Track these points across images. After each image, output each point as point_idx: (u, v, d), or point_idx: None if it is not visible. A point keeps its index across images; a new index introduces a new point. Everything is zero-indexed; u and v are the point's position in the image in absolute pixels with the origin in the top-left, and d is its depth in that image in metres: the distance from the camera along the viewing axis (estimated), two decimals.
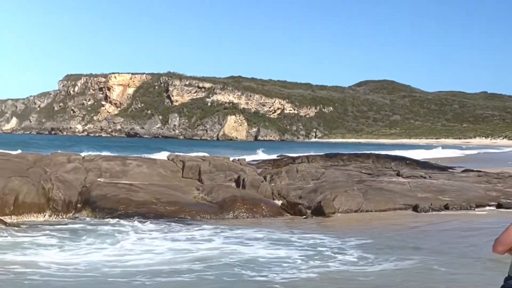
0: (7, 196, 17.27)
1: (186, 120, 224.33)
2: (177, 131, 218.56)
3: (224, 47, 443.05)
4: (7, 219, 16.69)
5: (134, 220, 17.27)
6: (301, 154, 46.38)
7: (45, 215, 17.90)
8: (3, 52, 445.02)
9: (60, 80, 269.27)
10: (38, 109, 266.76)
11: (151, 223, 16.98)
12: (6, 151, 26.07)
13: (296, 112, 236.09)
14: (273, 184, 24.40)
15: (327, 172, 26.61)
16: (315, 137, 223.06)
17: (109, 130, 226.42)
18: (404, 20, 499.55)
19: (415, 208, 20.16)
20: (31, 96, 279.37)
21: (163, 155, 34.69)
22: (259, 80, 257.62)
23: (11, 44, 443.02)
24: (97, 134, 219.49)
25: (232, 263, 12.00)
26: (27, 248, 13.12)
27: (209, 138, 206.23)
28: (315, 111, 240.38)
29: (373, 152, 46.37)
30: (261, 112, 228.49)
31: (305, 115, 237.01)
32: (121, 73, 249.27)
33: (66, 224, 16.76)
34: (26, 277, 10.59)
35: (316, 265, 11.83)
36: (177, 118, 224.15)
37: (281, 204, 20.88)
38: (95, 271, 11.13)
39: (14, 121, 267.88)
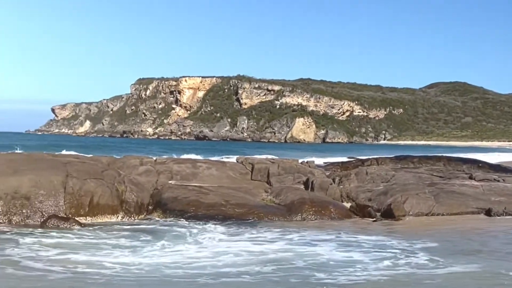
0: (83, 197, 17.74)
1: (255, 123, 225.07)
2: (245, 134, 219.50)
3: (294, 49, 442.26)
4: (82, 220, 17.17)
5: (204, 222, 17.50)
6: (370, 156, 45.98)
7: (118, 216, 18.29)
8: (79, 57, 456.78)
9: (132, 84, 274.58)
10: (111, 112, 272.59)
11: (220, 225, 17.17)
12: (81, 154, 26.88)
13: (365, 114, 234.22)
14: (342, 186, 24.27)
15: (397, 174, 26.28)
16: (384, 139, 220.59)
17: (179, 133, 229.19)
18: (477, 21, 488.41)
19: (488, 212, 19.72)
20: (104, 99, 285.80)
21: (232, 158, 35.00)
22: (328, 82, 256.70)
23: (86, 50, 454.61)
24: (167, 137, 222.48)
25: (299, 264, 12.05)
26: (98, 249, 13.42)
27: (276, 141, 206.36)
28: (385, 113, 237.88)
29: (444, 154, 45.51)
30: (329, 114, 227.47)
31: (374, 117, 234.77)
32: (192, 76, 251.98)
33: (138, 225, 17.12)
34: (86, 276, 10.85)
35: (383, 267, 11.79)
36: (246, 121, 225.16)
37: (350, 206, 20.79)
38: (162, 272, 11.34)
39: (87, 124, 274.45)
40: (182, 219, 17.99)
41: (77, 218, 16.95)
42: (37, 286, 10.12)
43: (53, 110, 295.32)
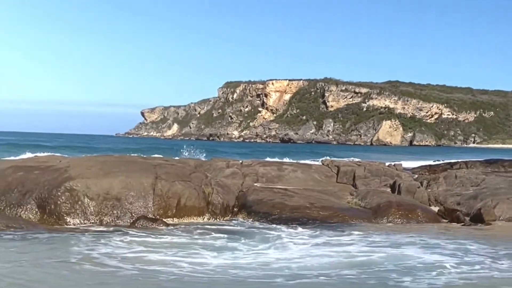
0: (170, 199, 18.12)
1: (340, 125, 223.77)
2: (330, 137, 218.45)
3: (382, 51, 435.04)
4: (169, 221, 17.56)
5: (288, 224, 17.55)
6: (459, 160, 45.05)
7: (204, 218, 18.57)
8: (169, 62, 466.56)
9: (220, 87, 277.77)
10: (198, 115, 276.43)
11: (303, 227, 17.18)
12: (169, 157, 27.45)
13: (454, 116, 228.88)
14: (429, 190, 23.87)
15: (487, 178, 25.60)
16: (474, 143, 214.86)
17: (264, 136, 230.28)
18: None
19: None
20: (192, 103, 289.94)
21: (317, 161, 34.99)
22: (417, 84, 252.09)
23: (176, 54, 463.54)
24: (252, 140, 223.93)
25: (380, 267, 12.00)
26: (179, 249, 13.64)
27: (362, 143, 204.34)
28: (475, 116, 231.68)
29: None
30: (417, 117, 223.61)
31: (463, 120, 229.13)
32: (279, 79, 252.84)
33: (222, 226, 17.34)
34: (155, 274, 11.07)
35: (464, 272, 11.63)
36: (331, 124, 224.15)
37: (438, 210, 20.42)
38: (237, 272, 11.42)
39: (175, 127, 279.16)
40: (266, 221, 18.13)
41: (164, 219, 17.36)
42: (106, 282, 10.51)
43: (142, 114, 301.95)
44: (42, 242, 14.07)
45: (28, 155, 37.05)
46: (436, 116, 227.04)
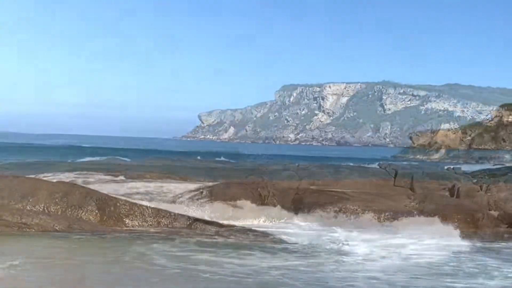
0: (227, 202, 18.29)
1: (398, 128, 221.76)
2: (387, 140, 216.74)
3: (441, 53, 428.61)
4: (225, 223, 17.67)
5: (343, 227, 17.41)
6: None
7: (259, 220, 18.64)
8: (227, 65, 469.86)
9: (277, 91, 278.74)
10: (254, 119, 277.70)
11: (359, 230, 17.07)
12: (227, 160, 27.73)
13: None
14: (489, 194, 23.42)
15: None
16: None
17: (320, 138, 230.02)
18: None
19: None
20: (248, 106, 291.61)
21: (374, 164, 34.74)
22: (477, 87, 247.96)
23: (235, 58, 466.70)
24: (308, 143, 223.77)
25: (435, 270, 11.96)
26: (233, 250, 13.71)
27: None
28: None
29: None
30: (477, 120, 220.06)
31: None
32: (336, 82, 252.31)
33: (277, 229, 17.32)
34: (198, 274, 11.20)
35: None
36: (389, 127, 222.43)
37: (498, 215, 20.06)
38: (284, 273, 11.44)
39: (231, 131, 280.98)
40: (322, 224, 18.07)
41: (220, 221, 17.48)
42: (149, 280, 10.78)
43: (199, 117, 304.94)
44: (100, 243, 14.45)
45: (87, 158, 37.85)
46: (496, 120, 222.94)
